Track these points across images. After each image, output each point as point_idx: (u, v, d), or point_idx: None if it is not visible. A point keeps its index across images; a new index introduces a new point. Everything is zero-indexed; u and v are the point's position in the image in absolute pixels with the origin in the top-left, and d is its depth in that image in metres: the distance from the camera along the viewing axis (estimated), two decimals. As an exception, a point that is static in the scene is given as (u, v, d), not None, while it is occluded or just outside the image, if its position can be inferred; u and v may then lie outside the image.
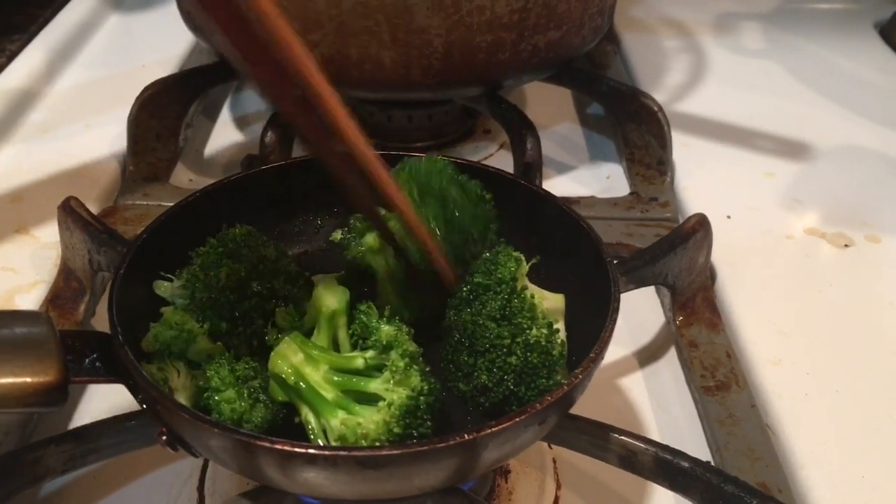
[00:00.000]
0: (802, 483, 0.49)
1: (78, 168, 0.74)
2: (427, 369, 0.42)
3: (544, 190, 0.51)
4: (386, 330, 0.42)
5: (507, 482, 0.51)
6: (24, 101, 0.83)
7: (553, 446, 0.54)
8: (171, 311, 0.45)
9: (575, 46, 0.73)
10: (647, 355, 0.62)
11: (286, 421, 0.43)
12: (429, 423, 0.40)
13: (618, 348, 0.62)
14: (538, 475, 0.52)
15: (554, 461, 0.53)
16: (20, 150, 0.77)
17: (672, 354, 0.61)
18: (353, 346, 0.44)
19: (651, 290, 0.66)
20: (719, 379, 0.56)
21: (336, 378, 0.41)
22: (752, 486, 0.41)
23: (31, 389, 0.36)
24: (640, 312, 0.65)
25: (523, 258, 0.44)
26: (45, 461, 0.42)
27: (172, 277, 0.46)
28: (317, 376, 0.41)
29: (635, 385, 0.59)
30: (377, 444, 0.39)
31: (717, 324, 0.60)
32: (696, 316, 0.60)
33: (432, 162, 0.48)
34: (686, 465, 0.42)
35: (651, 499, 0.51)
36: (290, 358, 0.41)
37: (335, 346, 0.45)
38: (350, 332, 0.45)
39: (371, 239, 0.47)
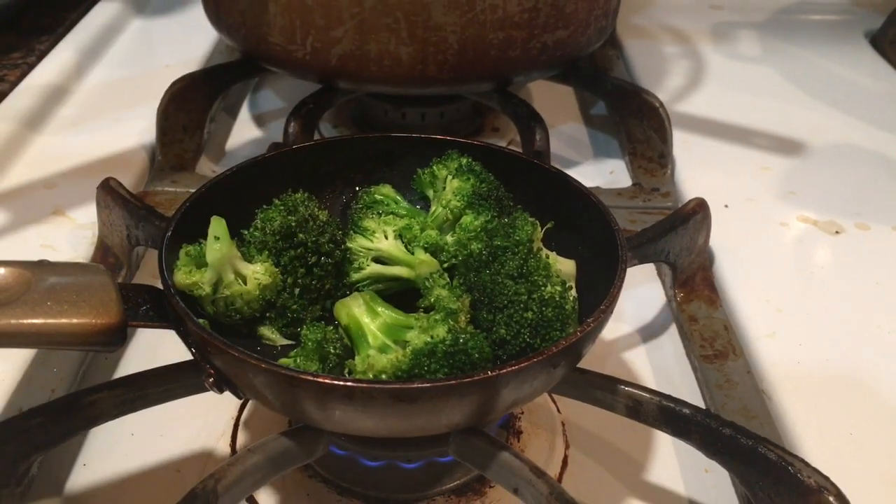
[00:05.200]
0: (795, 439, 0.52)
1: (108, 157, 0.78)
2: (469, 327, 0.46)
3: (555, 168, 0.55)
4: (437, 292, 0.46)
5: (519, 441, 0.55)
6: (55, 96, 0.87)
7: (561, 411, 0.57)
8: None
9: (581, 46, 0.78)
10: (649, 332, 0.66)
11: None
12: (446, 369, 0.43)
13: (622, 325, 0.66)
14: (548, 436, 0.56)
15: (563, 424, 0.57)
16: (53, 141, 0.81)
17: (673, 331, 0.65)
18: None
19: (653, 274, 0.70)
20: (717, 349, 0.59)
21: (389, 329, 0.45)
22: (747, 430, 0.44)
23: (96, 329, 0.40)
24: (642, 293, 0.69)
25: (538, 223, 0.48)
26: (100, 405, 0.45)
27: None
28: (372, 326, 0.45)
29: (638, 358, 0.63)
30: (384, 377, 0.43)
31: (716, 300, 0.64)
32: (696, 293, 0.64)
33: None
34: (687, 411, 0.46)
35: (653, 457, 0.55)
36: (352, 308, 0.46)
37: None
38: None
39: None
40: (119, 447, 0.54)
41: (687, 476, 0.54)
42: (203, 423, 0.56)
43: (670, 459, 0.55)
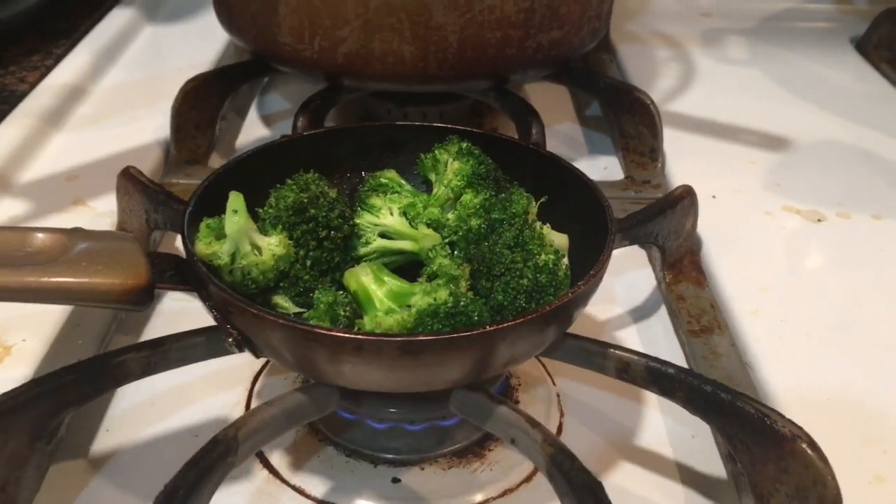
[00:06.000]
0: (776, 405, 0.55)
1: (125, 152, 0.82)
2: (469, 293, 0.49)
3: (549, 152, 0.59)
4: (439, 261, 0.50)
5: (516, 409, 0.58)
6: (73, 96, 0.91)
7: (556, 384, 0.61)
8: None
9: (574, 46, 0.82)
10: (639, 313, 0.69)
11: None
12: (447, 329, 0.46)
13: (613, 307, 0.69)
14: (544, 405, 0.59)
15: (558, 395, 0.60)
16: (72, 137, 0.85)
17: (662, 312, 0.69)
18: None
19: (644, 260, 0.74)
20: (704, 324, 0.63)
21: (394, 296, 0.49)
22: (727, 386, 0.48)
23: (126, 289, 0.44)
24: (632, 278, 0.72)
25: (533, 198, 0.52)
26: (127, 364, 0.49)
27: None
28: (379, 293, 0.49)
29: (628, 336, 0.66)
30: None
31: (703, 281, 0.67)
32: (684, 275, 0.68)
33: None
34: (672, 371, 0.49)
35: (643, 425, 0.58)
36: (360, 276, 0.50)
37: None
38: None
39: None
40: (139, 414, 0.58)
41: (674, 441, 0.57)
42: (218, 394, 0.59)
43: (659, 427, 0.58)
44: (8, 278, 0.41)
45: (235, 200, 0.50)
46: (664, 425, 0.58)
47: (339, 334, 0.42)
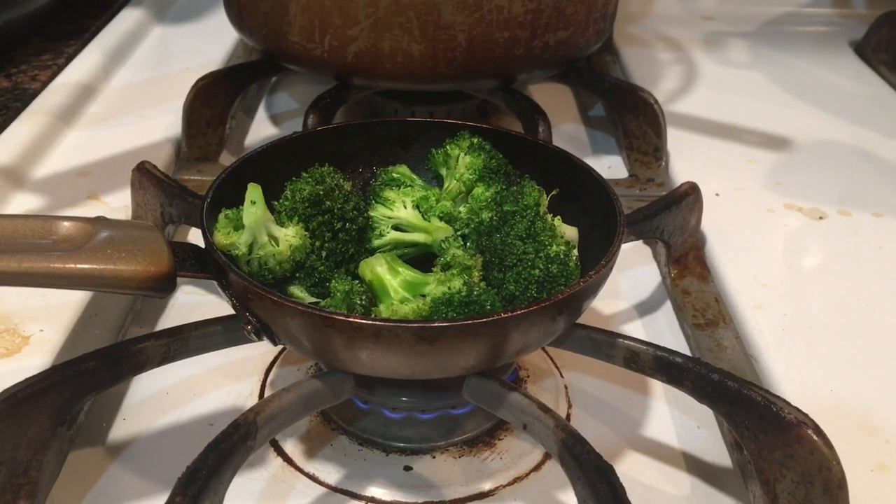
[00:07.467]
0: (780, 395, 0.57)
1: (137, 149, 0.83)
2: (482, 283, 0.50)
3: (558, 147, 0.60)
4: (452, 252, 0.51)
5: (525, 400, 0.59)
6: (84, 94, 0.92)
7: (564, 376, 0.62)
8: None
9: (580, 46, 0.83)
10: (644, 308, 0.70)
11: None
12: (462, 316, 0.47)
13: (619, 302, 0.70)
14: (552, 396, 0.60)
15: (565, 387, 0.61)
16: (84, 135, 0.86)
17: (667, 307, 0.70)
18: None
19: (649, 256, 0.75)
20: (708, 318, 0.64)
21: (409, 286, 0.50)
22: (733, 374, 0.49)
23: (149, 276, 0.45)
24: (638, 274, 0.73)
25: (544, 191, 0.53)
26: (147, 352, 0.50)
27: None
28: (394, 282, 0.50)
29: (634, 330, 0.67)
30: None
31: (707, 276, 0.68)
32: (689, 270, 0.69)
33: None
34: (679, 360, 0.50)
35: (649, 416, 0.59)
36: (375, 267, 0.51)
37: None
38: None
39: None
40: (155, 404, 0.59)
41: (680, 432, 0.58)
42: (233, 384, 0.60)
43: (664, 417, 0.59)
44: (35, 264, 0.42)
45: (254, 192, 0.51)
46: (670, 416, 0.59)
47: (357, 320, 0.43)
